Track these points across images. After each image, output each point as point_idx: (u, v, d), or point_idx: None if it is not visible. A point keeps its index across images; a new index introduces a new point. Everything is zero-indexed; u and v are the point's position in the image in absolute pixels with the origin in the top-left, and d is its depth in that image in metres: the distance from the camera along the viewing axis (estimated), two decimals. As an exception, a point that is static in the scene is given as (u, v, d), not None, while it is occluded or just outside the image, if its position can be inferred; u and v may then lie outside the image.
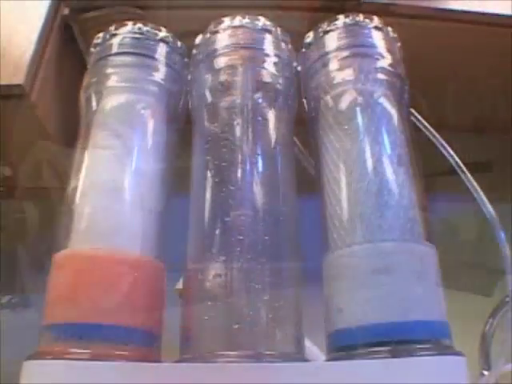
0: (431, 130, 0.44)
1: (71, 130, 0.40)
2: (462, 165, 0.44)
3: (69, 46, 0.57)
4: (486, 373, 0.55)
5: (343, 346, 0.30)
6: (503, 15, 0.58)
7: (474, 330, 0.58)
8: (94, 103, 0.38)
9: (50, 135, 0.51)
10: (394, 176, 0.33)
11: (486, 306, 0.60)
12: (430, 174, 0.38)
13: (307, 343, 0.42)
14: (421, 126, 0.43)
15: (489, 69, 0.65)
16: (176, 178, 0.38)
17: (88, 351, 0.28)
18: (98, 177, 0.34)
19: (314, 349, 0.46)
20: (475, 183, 0.43)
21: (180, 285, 0.46)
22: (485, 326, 0.59)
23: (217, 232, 0.31)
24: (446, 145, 0.44)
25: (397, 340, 0.28)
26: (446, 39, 0.59)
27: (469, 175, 0.44)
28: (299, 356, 0.30)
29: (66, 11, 0.55)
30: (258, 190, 0.32)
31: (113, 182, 0.34)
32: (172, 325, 0.33)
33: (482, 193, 0.43)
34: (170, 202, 0.37)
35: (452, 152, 0.44)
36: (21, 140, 0.54)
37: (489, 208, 0.42)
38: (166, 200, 0.36)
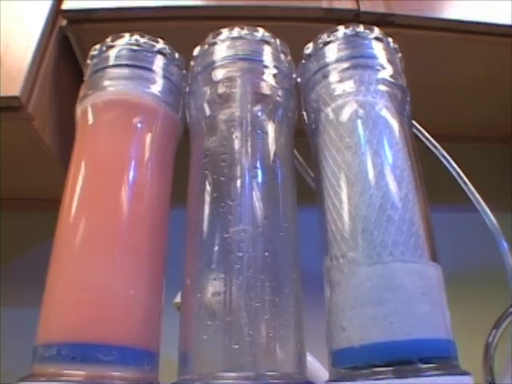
0: (433, 141, 0.43)
1: (68, 141, 0.40)
2: (463, 176, 0.43)
3: (66, 57, 0.56)
4: (490, 387, 0.54)
5: (346, 366, 0.29)
6: (503, 25, 0.57)
7: (477, 340, 0.57)
8: (90, 116, 0.37)
9: (47, 146, 0.51)
10: (397, 189, 0.32)
11: (489, 317, 0.59)
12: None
13: (310, 358, 0.41)
14: (422, 138, 0.43)
15: (489, 78, 0.64)
16: (173, 192, 0.37)
17: (82, 373, 0.28)
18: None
19: (316, 364, 0.45)
20: (477, 194, 0.43)
21: (178, 298, 0.46)
22: (488, 336, 0.58)
23: (215, 248, 0.31)
24: (447, 156, 0.44)
25: (401, 359, 0.27)
26: (445, 49, 0.59)
27: (471, 186, 0.43)
28: (300, 376, 0.29)
29: (64, 22, 0.54)
30: (257, 205, 0.32)
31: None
32: (170, 343, 0.32)
33: (484, 203, 0.42)
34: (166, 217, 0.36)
35: (454, 163, 0.44)
36: (18, 151, 0.54)
37: (491, 218, 0.42)
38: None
